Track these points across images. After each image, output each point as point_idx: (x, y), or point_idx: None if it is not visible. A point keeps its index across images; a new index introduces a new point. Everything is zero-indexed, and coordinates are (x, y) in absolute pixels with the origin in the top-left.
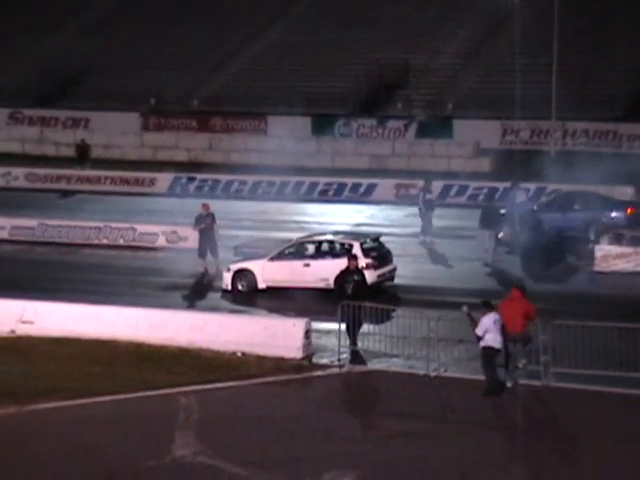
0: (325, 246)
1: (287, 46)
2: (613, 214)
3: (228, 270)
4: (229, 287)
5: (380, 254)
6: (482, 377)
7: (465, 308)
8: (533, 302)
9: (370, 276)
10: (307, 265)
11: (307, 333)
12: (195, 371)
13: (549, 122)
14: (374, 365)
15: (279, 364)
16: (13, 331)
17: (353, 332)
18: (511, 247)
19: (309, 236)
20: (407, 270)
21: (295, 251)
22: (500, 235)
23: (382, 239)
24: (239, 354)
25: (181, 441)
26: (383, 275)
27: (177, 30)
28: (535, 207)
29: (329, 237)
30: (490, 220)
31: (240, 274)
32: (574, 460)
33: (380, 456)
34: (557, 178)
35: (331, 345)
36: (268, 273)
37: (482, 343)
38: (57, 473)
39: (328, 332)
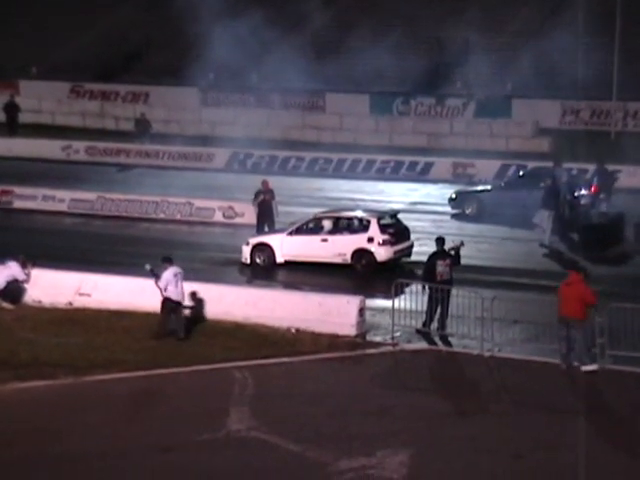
0: (343, 221)
1: (345, 24)
2: (579, 192)
3: (247, 244)
4: (248, 261)
5: (397, 230)
6: (536, 358)
7: (147, 266)
8: (590, 284)
9: (386, 252)
10: (325, 240)
11: (361, 311)
12: (250, 346)
13: (610, 102)
14: (426, 344)
15: (333, 341)
16: (70, 303)
17: (440, 315)
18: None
19: (327, 211)
20: (462, 250)
21: (313, 226)
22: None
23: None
24: (293, 330)
25: (236, 416)
26: (400, 251)
27: (236, 7)
28: (502, 184)
29: (347, 213)
30: (551, 200)
31: (259, 248)
32: (630, 443)
33: (433, 435)
34: (617, 159)
35: (385, 323)
36: (286, 247)
37: (164, 294)
38: (113, 445)
39: (382, 310)
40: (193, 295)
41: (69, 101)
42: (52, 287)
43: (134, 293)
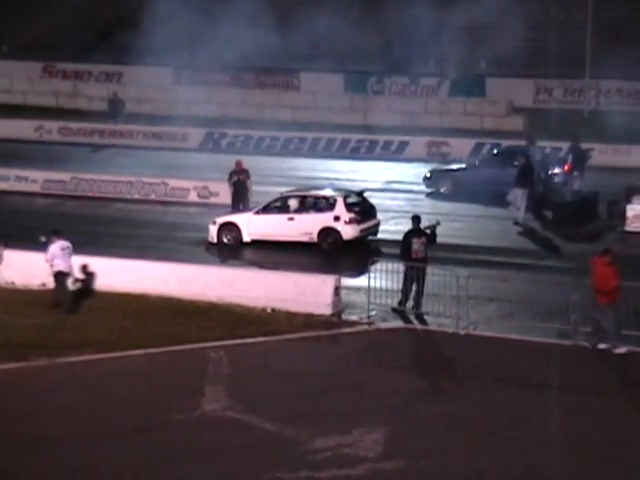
0: (309, 200)
1: (320, 2)
2: (553, 170)
3: (214, 223)
4: (214, 240)
5: (363, 209)
6: (512, 336)
7: (42, 238)
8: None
9: (353, 230)
10: (291, 219)
11: (336, 290)
12: (225, 326)
13: (583, 81)
14: (401, 322)
15: (308, 320)
16: (44, 284)
17: (416, 293)
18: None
19: (294, 190)
20: (438, 229)
21: (280, 205)
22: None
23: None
24: (269, 310)
25: (211, 395)
26: (366, 229)
27: None
28: (476, 163)
29: (313, 192)
30: (525, 179)
31: (226, 227)
32: (605, 416)
33: (409, 412)
34: (590, 137)
35: (360, 302)
36: (253, 226)
37: (54, 268)
38: (87, 426)
39: (357, 289)
40: (84, 268)
41: (41, 81)
42: (25, 268)
43: (108, 274)
